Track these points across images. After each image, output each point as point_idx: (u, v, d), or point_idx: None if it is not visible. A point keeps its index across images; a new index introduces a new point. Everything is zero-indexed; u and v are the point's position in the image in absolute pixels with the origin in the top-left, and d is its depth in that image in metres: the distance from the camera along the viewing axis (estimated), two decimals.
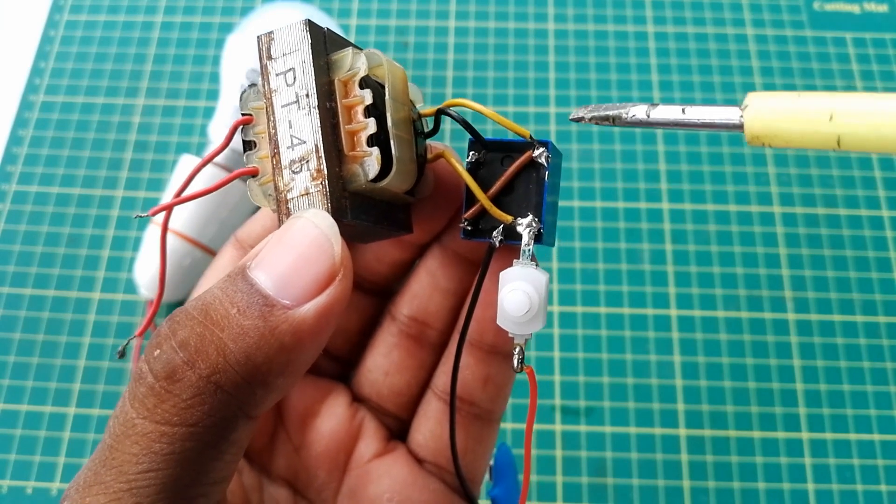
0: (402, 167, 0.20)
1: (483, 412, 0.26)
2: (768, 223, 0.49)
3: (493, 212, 0.22)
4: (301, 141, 0.19)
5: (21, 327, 0.47)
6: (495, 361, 0.25)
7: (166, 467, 0.17)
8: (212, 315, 0.18)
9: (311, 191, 0.19)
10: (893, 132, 0.15)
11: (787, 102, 0.16)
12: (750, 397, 0.45)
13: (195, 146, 0.53)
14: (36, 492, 0.43)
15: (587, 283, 0.48)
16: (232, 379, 0.17)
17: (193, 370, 0.17)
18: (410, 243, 0.25)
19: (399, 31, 0.56)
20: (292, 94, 0.19)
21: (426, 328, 0.26)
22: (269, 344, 0.17)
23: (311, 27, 0.20)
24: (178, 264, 0.45)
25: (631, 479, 0.43)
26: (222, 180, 0.21)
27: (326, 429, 0.25)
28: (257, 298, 0.17)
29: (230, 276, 0.18)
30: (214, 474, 0.18)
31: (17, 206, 0.51)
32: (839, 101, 0.16)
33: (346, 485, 0.25)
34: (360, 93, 0.20)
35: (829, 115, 0.15)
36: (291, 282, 0.18)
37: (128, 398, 0.18)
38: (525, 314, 0.20)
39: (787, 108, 0.16)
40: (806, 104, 0.16)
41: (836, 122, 0.15)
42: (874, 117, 0.15)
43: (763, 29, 0.56)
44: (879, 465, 0.43)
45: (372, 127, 0.19)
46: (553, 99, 0.54)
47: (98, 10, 0.58)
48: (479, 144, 0.22)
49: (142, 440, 0.17)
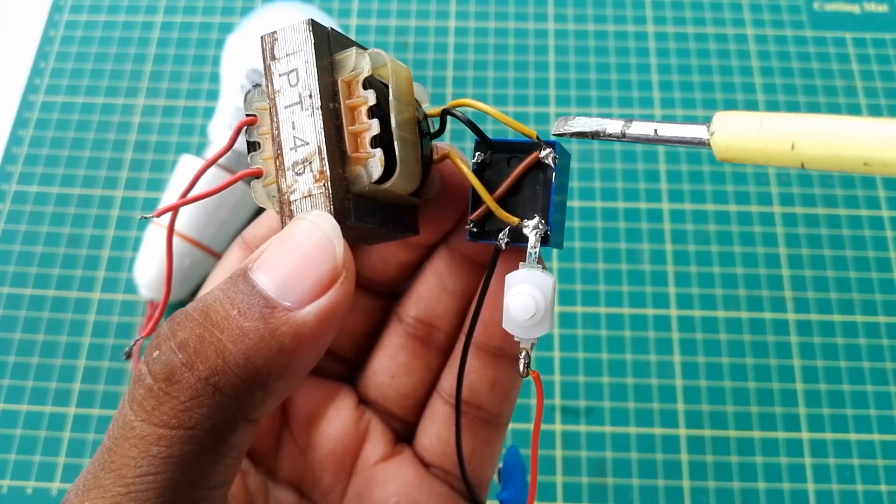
0: (406, 168, 0.20)
1: (490, 416, 0.25)
2: (768, 223, 0.49)
3: (499, 213, 0.21)
4: (304, 142, 0.19)
5: (21, 327, 0.47)
6: (502, 365, 0.25)
7: (165, 471, 0.17)
8: (212, 316, 0.17)
9: (313, 192, 0.19)
10: (852, 155, 0.15)
11: (750, 127, 0.17)
12: (750, 397, 0.45)
13: (195, 146, 0.53)
14: (36, 492, 0.43)
15: (587, 283, 0.48)
16: (231, 381, 0.17)
17: (192, 372, 0.17)
18: (417, 245, 0.25)
19: (399, 31, 0.56)
20: (295, 95, 0.19)
21: (433, 330, 0.25)
22: (268, 346, 0.17)
23: (315, 27, 0.19)
24: (179, 264, 0.45)
25: (631, 479, 0.43)
26: (227, 181, 0.20)
27: (332, 431, 0.25)
28: (258, 300, 0.17)
29: (232, 278, 0.18)
30: (214, 478, 0.18)
31: (17, 206, 0.51)
32: (800, 125, 0.16)
33: (353, 488, 0.25)
34: (364, 93, 0.20)
35: (790, 144, 0.16)
36: (293, 284, 0.18)
37: (127, 400, 0.18)
38: (531, 318, 0.20)
39: (750, 133, 0.17)
40: (768, 129, 0.16)
41: (797, 150, 0.16)
42: (833, 143, 0.15)
43: (763, 29, 0.56)
44: (879, 465, 0.43)
45: (375, 128, 0.19)
46: (553, 99, 0.54)
47: (98, 10, 0.58)
48: (486, 145, 0.22)
49: (140, 443, 0.17)
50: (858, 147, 0.15)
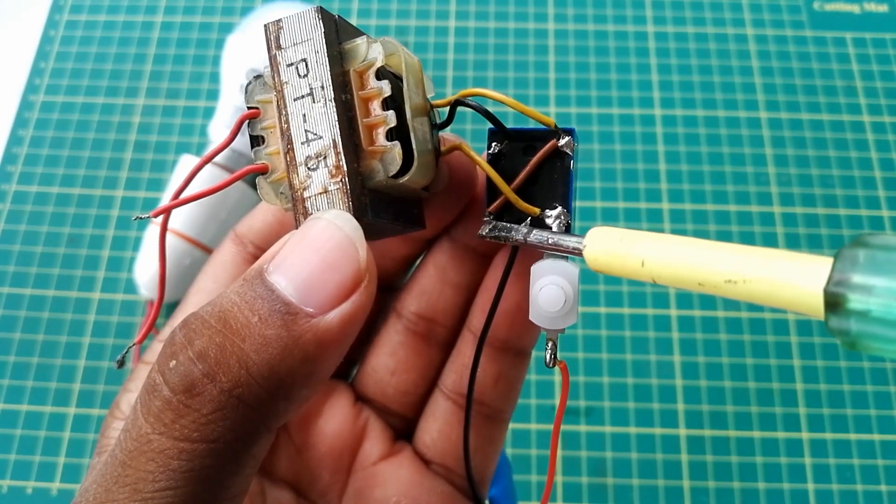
0: (423, 161, 0.19)
1: (493, 412, 0.25)
2: (768, 223, 0.49)
3: (519, 204, 0.21)
4: (317, 136, 0.18)
5: (21, 327, 0.47)
6: (507, 358, 0.25)
7: (185, 485, 0.16)
8: (231, 323, 0.17)
9: (329, 189, 0.18)
10: (688, 277, 0.16)
11: (612, 245, 0.18)
12: (750, 397, 0.45)
13: (195, 146, 0.53)
14: (36, 492, 0.43)
15: (587, 283, 0.48)
16: (255, 392, 0.16)
17: (214, 383, 0.16)
18: (417, 238, 0.25)
19: (399, 31, 0.56)
20: (305, 86, 0.18)
21: (434, 325, 0.25)
22: (292, 355, 0.16)
23: (324, 14, 0.18)
24: (178, 264, 0.45)
25: (631, 479, 0.43)
26: (230, 178, 0.20)
27: (329, 429, 0.25)
28: (279, 306, 0.17)
29: (247, 280, 0.17)
30: (233, 489, 0.17)
31: (17, 206, 0.51)
32: (649, 247, 0.17)
33: (352, 487, 0.25)
34: (378, 84, 0.19)
35: (640, 262, 0.17)
36: (315, 288, 0.17)
37: (141, 412, 0.17)
38: (561, 308, 0.20)
39: (611, 250, 0.18)
40: (625, 248, 0.18)
41: (646, 267, 0.17)
42: (673, 265, 0.17)
43: (763, 29, 0.56)
44: (879, 465, 0.43)
45: (392, 120, 0.19)
46: (553, 99, 0.54)
47: (98, 10, 0.58)
48: (501, 134, 0.21)
49: (158, 457, 0.16)
50: (693, 270, 0.16)
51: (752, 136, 0.52)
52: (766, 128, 0.52)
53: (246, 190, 0.47)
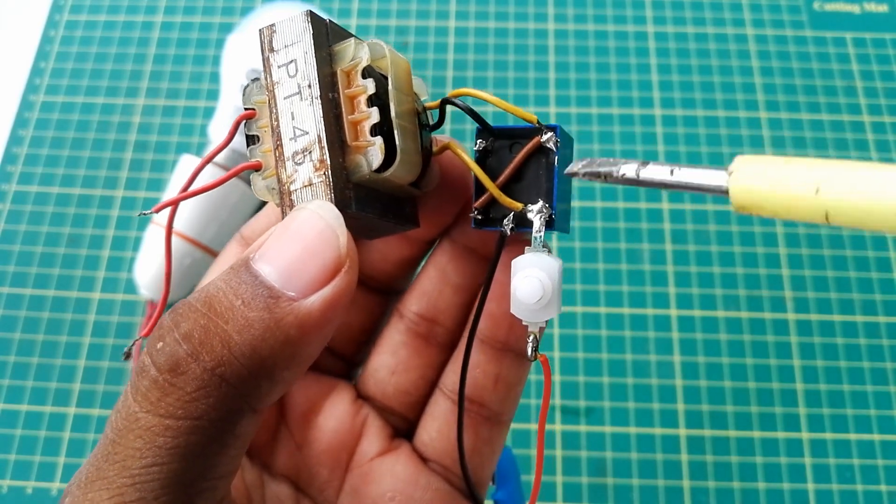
0: (406, 157, 0.20)
1: (492, 414, 0.25)
2: (768, 223, 0.49)
3: (503, 200, 0.21)
4: (304, 132, 0.19)
5: (21, 327, 0.47)
6: (507, 359, 0.25)
7: (171, 461, 0.17)
8: (216, 307, 0.17)
9: (314, 181, 0.19)
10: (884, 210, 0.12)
11: (771, 168, 0.15)
12: (750, 397, 0.45)
13: (195, 146, 0.53)
14: (36, 492, 0.43)
15: (587, 283, 0.48)
16: (237, 372, 0.17)
17: (198, 363, 0.17)
18: (417, 240, 0.25)
19: (399, 31, 0.56)
20: (294, 86, 0.19)
21: (435, 326, 0.25)
22: (274, 336, 0.17)
23: (313, 18, 0.19)
24: (179, 264, 0.45)
25: (631, 479, 0.43)
26: (226, 175, 0.20)
27: (329, 426, 0.25)
28: (262, 290, 0.17)
29: (233, 268, 0.18)
30: (220, 468, 0.18)
31: (17, 206, 0.51)
32: (826, 171, 0.14)
33: (349, 483, 0.25)
34: (363, 82, 0.19)
35: (815, 188, 0.14)
36: (296, 273, 0.18)
37: (130, 392, 0.17)
38: (538, 301, 0.20)
39: (771, 175, 0.15)
40: (790, 172, 0.14)
41: (821, 195, 0.14)
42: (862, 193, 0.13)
43: (763, 29, 0.56)
44: (879, 465, 0.43)
45: (375, 116, 0.19)
46: (553, 99, 0.54)
47: (98, 10, 0.58)
48: (487, 132, 0.22)
49: (145, 434, 0.17)
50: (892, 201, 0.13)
51: (752, 136, 0.52)
52: (766, 128, 0.52)
53: (246, 191, 0.47)
